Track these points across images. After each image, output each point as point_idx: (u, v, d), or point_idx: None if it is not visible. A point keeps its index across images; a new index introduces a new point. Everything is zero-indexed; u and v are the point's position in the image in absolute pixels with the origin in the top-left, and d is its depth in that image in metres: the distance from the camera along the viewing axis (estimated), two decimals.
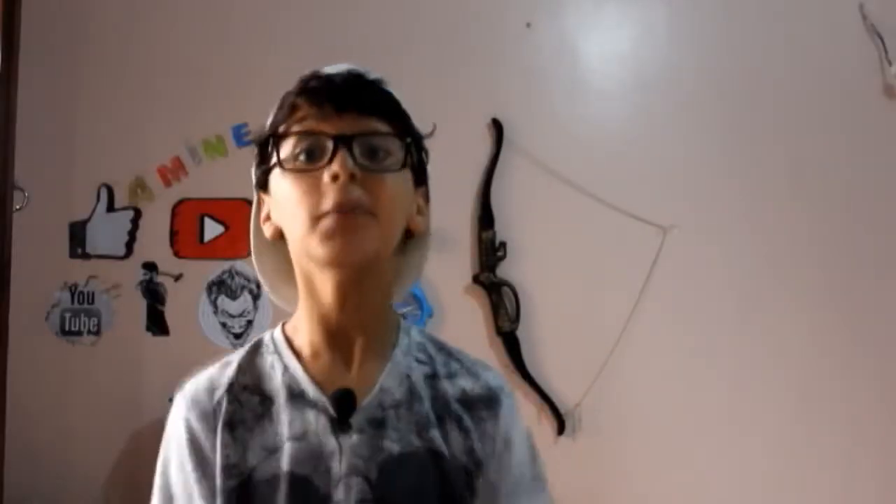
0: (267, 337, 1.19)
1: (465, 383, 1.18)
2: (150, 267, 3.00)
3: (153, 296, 3.00)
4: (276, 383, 1.12)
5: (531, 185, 3.04)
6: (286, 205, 1.10)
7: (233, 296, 3.00)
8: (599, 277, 3.03)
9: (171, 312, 3.00)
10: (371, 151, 1.11)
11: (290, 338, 1.17)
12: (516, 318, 2.99)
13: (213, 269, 3.02)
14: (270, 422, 1.10)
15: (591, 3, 3.16)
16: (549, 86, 3.10)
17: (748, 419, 3.01)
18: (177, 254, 3.02)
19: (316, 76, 1.20)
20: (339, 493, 1.05)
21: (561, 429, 2.95)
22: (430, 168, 1.35)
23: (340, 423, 1.08)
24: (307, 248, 1.08)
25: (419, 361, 1.17)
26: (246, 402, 1.12)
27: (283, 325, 1.20)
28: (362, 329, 1.14)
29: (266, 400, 1.12)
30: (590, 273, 3.03)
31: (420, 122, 3.11)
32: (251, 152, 1.22)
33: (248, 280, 3.00)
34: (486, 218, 3.01)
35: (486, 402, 1.18)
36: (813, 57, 3.11)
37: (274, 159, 1.12)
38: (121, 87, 3.05)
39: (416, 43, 3.09)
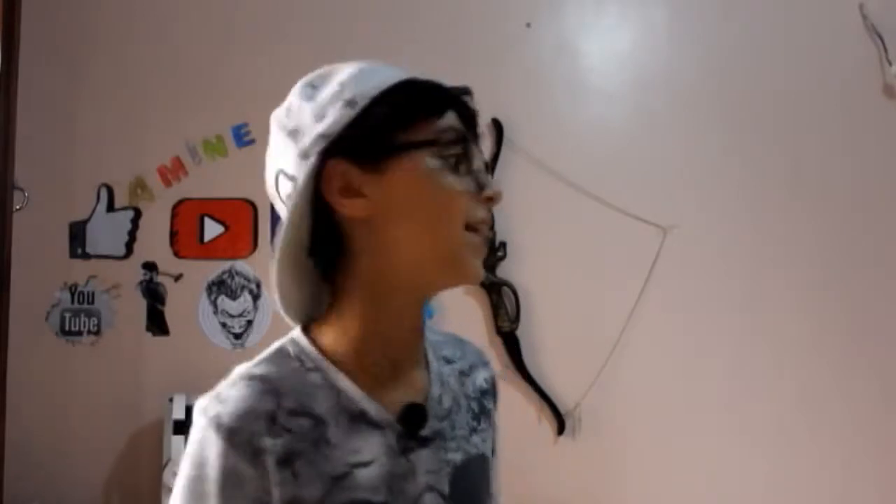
0: (292, 348, 1.06)
1: (481, 374, 1.18)
2: (150, 267, 3.00)
3: (153, 296, 3.00)
4: (328, 405, 1.01)
5: (531, 185, 3.04)
6: (429, 201, 0.99)
7: (233, 296, 3.00)
8: (599, 277, 3.03)
9: (171, 312, 3.01)
10: None
11: (324, 350, 1.04)
12: (516, 318, 2.99)
13: (213, 269, 3.02)
14: (328, 446, 0.99)
15: (591, 3, 3.16)
16: (549, 86, 3.11)
17: (748, 419, 3.01)
18: (177, 254, 3.02)
19: (465, 93, 1.10)
20: None
21: (561, 429, 2.95)
22: None
23: (411, 440, 1.01)
24: (448, 258, 1.00)
25: (446, 360, 1.14)
26: (297, 430, 0.98)
27: (305, 334, 1.07)
28: (417, 345, 1.09)
29: (319, 424, 0.99)
30: (590, 273, 3.03)
31: None
32: (251, 152, 1.17)
33: (248, 280, 3.00)
34: None
35: (495, 393, 1.20)
36: (813, 57, 3.11)
37: (413, 146, 1.00)
38: (121, 87, 3.05)
39: (416, 43, 3.09)
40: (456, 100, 1.06)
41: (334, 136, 1.01)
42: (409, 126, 1.02)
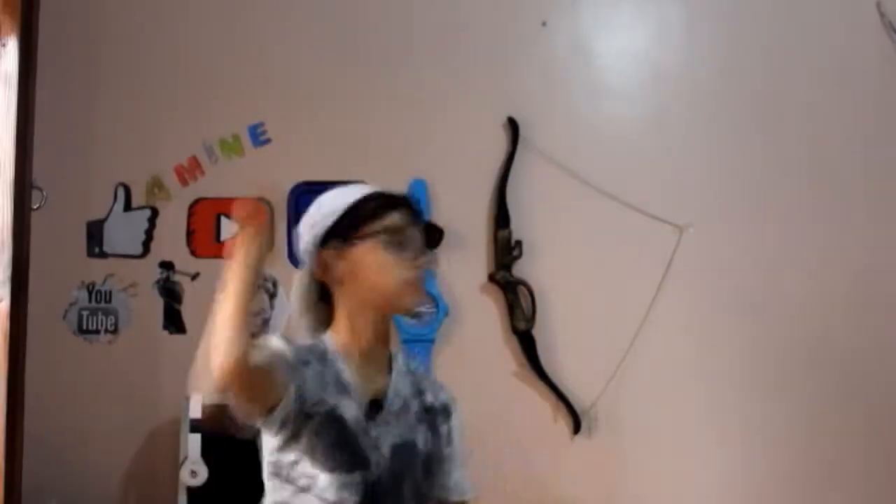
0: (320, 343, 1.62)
1: (431, 398, 1.69)
2: (166, 266, 3.02)
3: (170, 294, 3.02)
4: (332, 379, 1.58)
5: (547, 184, 3.04)
6: (379, 268, 1.58)
7: None
8: (615, 276, 3.03)
9: (187, 311, 3.02)
10: None
11: (336, 344, 1.61)
12: (532, 317, 2.98)
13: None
14: (326, 394, 1.55)
15: (606, 1, 3.16)
16: (564, 84, 3.10)
17: (765, 418, 2.99)
18: (193, 253, 3.03)
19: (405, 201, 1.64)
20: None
21: (577, 428, 2.95)
22: (446, 167, 1.86)
23: (371, 419, 1.57)
24: (389, 300, 1.59)
25: (411, 376, 1.68)
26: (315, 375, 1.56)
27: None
28: (383, 350, 1.65)
29: (326, 383, 1.57)
30: (606, 272, 3.03)
31: (436, 123, 3.12)
32: (267, 152, 1.29)
33: (264, 279, 3.01)
34: (501, 217, 3.01)
35: (447, 413, 1.69)
36: (830, 54, 3.10)
37: (369, 237, 1.58)
38: (138, 87, 3.06)
39: (432, 42, 3.09)
40: (399, 203, 1.61)
41: (320, 236, 1.60)
42: (364, 222, 1.58)
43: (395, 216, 1.60)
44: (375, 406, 1.58)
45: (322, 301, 1.65)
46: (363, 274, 1.58)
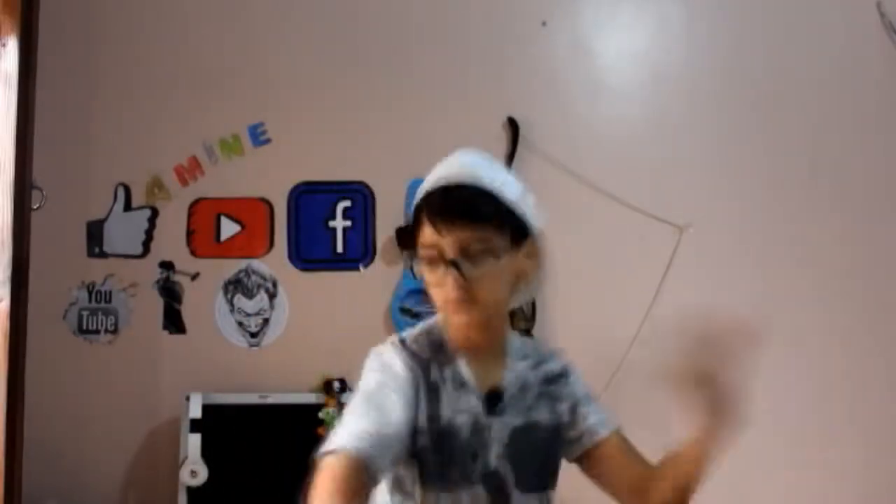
0: (437, 330, 1.57)
1: (549, 366, 1.67)
2: (166, 266, 3.02)
3: (170, 294, 3.02)
4: (450, 373, 1.54)
5: (546, 184, 3.03)
6: (428, 285, 1.51)
7: (249, 294, 3.01)
8: (615, 276, 3.03)
9: (187, 311, 3.02)
10: (474, 255, 1.48)
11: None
12: (532, 318, 2.99)
13: (230, 267, 3.03)
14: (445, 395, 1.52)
15: (606, 1, 3.15)
16: (564, 84, 3.10)
17: (767, 419, 2.99)
18: (193, 253, 3.03)
19: (441, 191, 1.52)
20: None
21: None
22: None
23: (492, 409, 1.54)
24: (446, 315, 1.52)
25: (523, 357, 1.64)
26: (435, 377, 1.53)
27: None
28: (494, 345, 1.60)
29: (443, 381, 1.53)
30: (605, 272, 3.03)
31: (436, 123, 3.12)
32: (267, 152, 1.27)
33: (265, 279, 3.01)
34: None
35: (567, 374, 1.69)
36: (830, 54, 3.10)
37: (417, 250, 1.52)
38: (137, 86, 3.06)
39: (432, 42, 3.09)
40: (436, 206, 1.49)
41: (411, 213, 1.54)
42: (414, 237, 1.52)
43: (428, 230, 1.48)
44: (494, 397, 1.54)
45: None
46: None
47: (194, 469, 2.67)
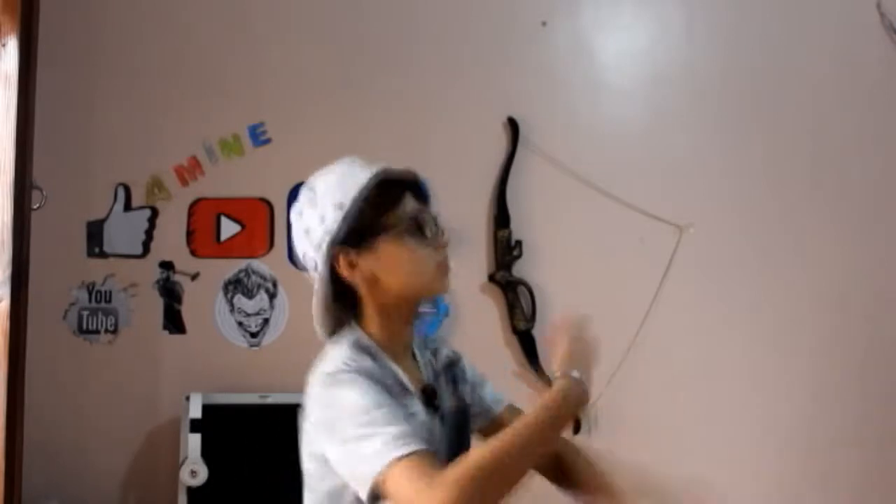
0: (362, 341, 1.55)
1: (443, 353, 1.73)
2: (166, 266, 3.02)
3: (170, 294, 3.02)
4: (391, 380, 1.51)
5: (547, 184, 3.04)
6: (410, 258, 1.53)
7: (249, 294, 3.01)
8: (616, 276, 3.03)
9: (187, 311, 3.02)
10: None
11: (372, 338, 1.57)
12: (532, 317, 2.99)
13: (230, 267, 3.03)
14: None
15: (606, 1, 3.16)
16: (564, 84, 3.10)
17: (766, 418, 3.00)
18: (193, 253, 3.03)
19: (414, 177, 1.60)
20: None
21: (577, 428, 2.95)
22: (446, 167, 1.81)
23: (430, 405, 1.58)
24: (424, 285, 1.56)
25: (425, 346, 1.71)
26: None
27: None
28: (410, 336, 1.66)
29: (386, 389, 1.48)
30: (606, 272, 3.03)
31: (436, 123, 3.12)
32: (267, 152, 1.27)
33: (265, 279, 3.01)
34: (501, 217, 3.01)
35: (458, 360, 1.75)
36: (830, 54, 3.10)
37: (391, 227, 1.53)
38: (137, 86, 3.06)
39: (432, 42, 3.09)
40: (409, 184, 1.56)
41: (333, 232, 1.51)
42: (382, 214, 1.52)
43: (411, 201, 1.56)
44: (429, 393, 1.59)
45: (336, 301, 1.57)
46: (395, 267, 1.54)
47: (194, 469, 2.67)
